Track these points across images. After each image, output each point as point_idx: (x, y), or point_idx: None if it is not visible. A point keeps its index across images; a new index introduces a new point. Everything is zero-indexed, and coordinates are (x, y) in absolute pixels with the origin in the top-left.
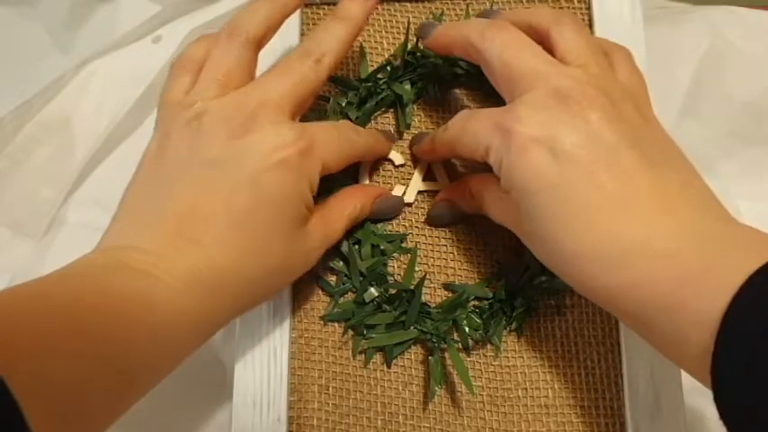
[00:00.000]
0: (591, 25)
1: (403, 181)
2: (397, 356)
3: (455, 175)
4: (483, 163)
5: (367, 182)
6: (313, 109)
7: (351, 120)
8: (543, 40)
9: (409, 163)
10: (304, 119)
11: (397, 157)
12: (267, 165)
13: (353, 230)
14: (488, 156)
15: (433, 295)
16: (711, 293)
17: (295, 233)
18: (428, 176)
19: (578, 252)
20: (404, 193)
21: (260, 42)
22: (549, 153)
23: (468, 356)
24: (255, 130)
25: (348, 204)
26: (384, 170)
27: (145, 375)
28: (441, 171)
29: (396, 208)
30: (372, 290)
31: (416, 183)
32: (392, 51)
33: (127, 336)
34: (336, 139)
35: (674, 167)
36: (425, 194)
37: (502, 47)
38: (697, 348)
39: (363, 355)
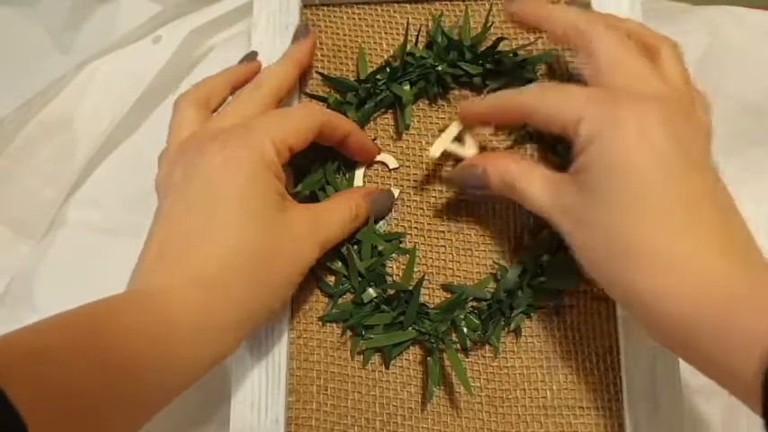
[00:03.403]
0: None
1: (397, 183)
2: (395, 357)
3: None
4: (553, 136)
5: (361, 185)
6: None
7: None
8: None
9: (403, 167)
10: None
11: (390, 160)
12: (216, 163)
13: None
14: (577, 126)
15: (431, 296)
16: (760, 313)
17: (274, 216)
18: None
19: (640, 247)
20: (432, 149)
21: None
22: (651, 144)
23: (467, 357)
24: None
25: (343, 207)
26: (378, 175)
27: (156, 380)
28: (471, 139)
29: (387, 202)
30: (371, 290)
31: (446, 140)
32: (391, 52)
33: (128, 338)
34: (280, 117)
35: (729, 197)
36: (426, 194)
37: (613, 40)
38: (743, 370)
39: (362, 356)
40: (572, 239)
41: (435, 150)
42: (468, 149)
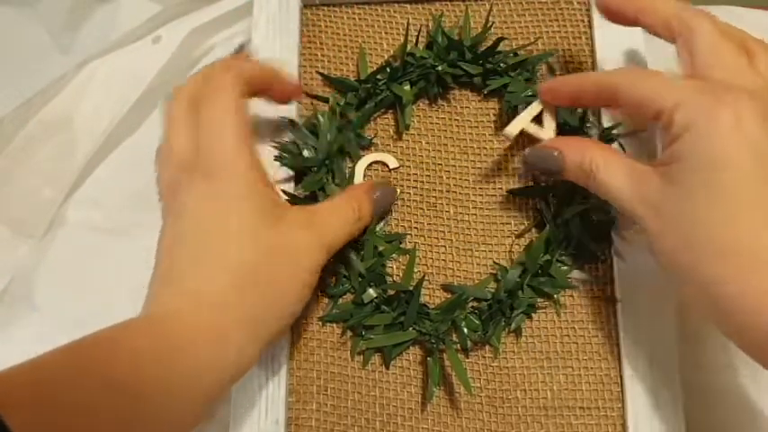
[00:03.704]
0: (590, 24)
1: (397, 183)
2: (395, 357)
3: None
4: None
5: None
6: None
7: (350, 121)
8: None
9: (403, 167)
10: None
11: (390, 160)
12: (200, 194)
13: None
14: (672, 113)
15: (431, 296)
16: None
17: (271, 228)
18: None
19: (730, 244)
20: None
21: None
22: (747, 138)
23: (467, 357)
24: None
25: (346, 208)
26: (378, 175)
27: (156, 396)
28: (551, 120)
29: (390, 197)
30: (371, 290)
31: (525, 119)
32: (392, 52)
33: (131, 359)
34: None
35: None
36: (426, 194)
37: (715, 35)
38: None
39: (362, 356)
40: (651, 229)
41: (513, 129)
42: (547, 131)
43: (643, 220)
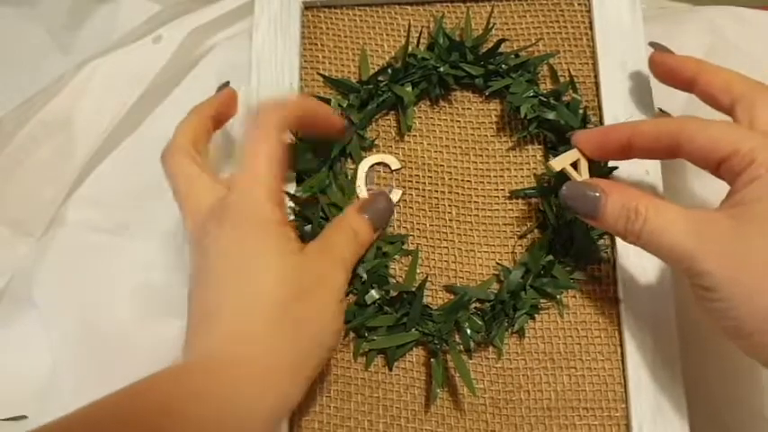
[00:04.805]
0: (591, 25)
1: (399, 185)
2: (398, 359)
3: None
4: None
5: (362, 188)
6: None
7: (352, 122)
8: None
9: (405, 168)
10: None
11: (393, 161)
12: (223, 240)
13: None
14: (753, 153)
15: (434, 297)
16: None
17: (293, 258)
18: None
19: None
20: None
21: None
22: None
23: (470, 358)
24: None
25: (344, 227)
26: (380, 176)
27: None
28: (585, 167)
29: (383, 205)
30: (374, 292)
31: (568, 159)
32: (393, 54)
33: (177, 405)
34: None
35: None
36: (429, 195)
37: None
38: None
39: (365, 358)
40: (718, 277)
41: (557, 165)
42: (583, 176)
43: (706, 266)
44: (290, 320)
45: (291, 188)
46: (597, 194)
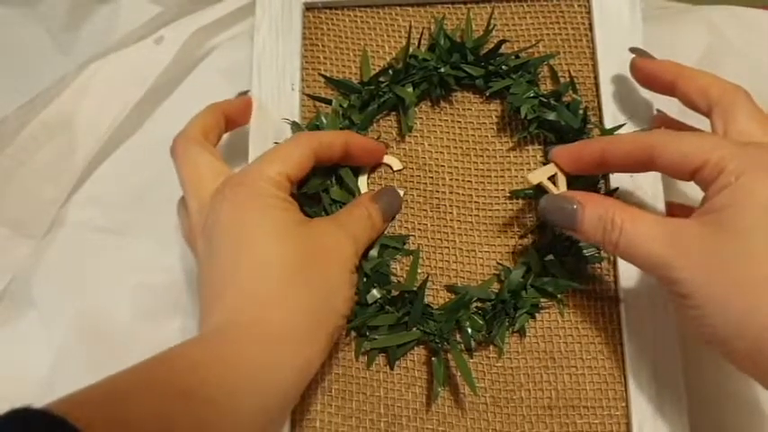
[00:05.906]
0: (591, 26)
1: (401, 185)
2: (399, 358)
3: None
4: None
5: (365, 188)
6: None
7: (353, 123)
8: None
9: (407, 168)
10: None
11: (394, 162)
12: (227, 214)
13: None
14: (723, 161)
15: (435, 296)
16: None
17: (300, 227)
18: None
19: None
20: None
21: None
22: None
23: (471, 358)
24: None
25: (358, 208)
26: (382, 177)
27: (224, 399)
28: (563, 181)
29: (394, 197)
30: (375, 291)
31: (546, 173)
32: (394, 55)
33: (197, 368)
34: (271, 153)
35: None
36: (430, 195)
37: (752, 105)
38: None
39: (366, 357)
40: (693, 283)
41: (534, 178)
42: (560, 189)
43: (681, 274)
44: (302, 282)
45: (294, 188)
46: (574, 207)
